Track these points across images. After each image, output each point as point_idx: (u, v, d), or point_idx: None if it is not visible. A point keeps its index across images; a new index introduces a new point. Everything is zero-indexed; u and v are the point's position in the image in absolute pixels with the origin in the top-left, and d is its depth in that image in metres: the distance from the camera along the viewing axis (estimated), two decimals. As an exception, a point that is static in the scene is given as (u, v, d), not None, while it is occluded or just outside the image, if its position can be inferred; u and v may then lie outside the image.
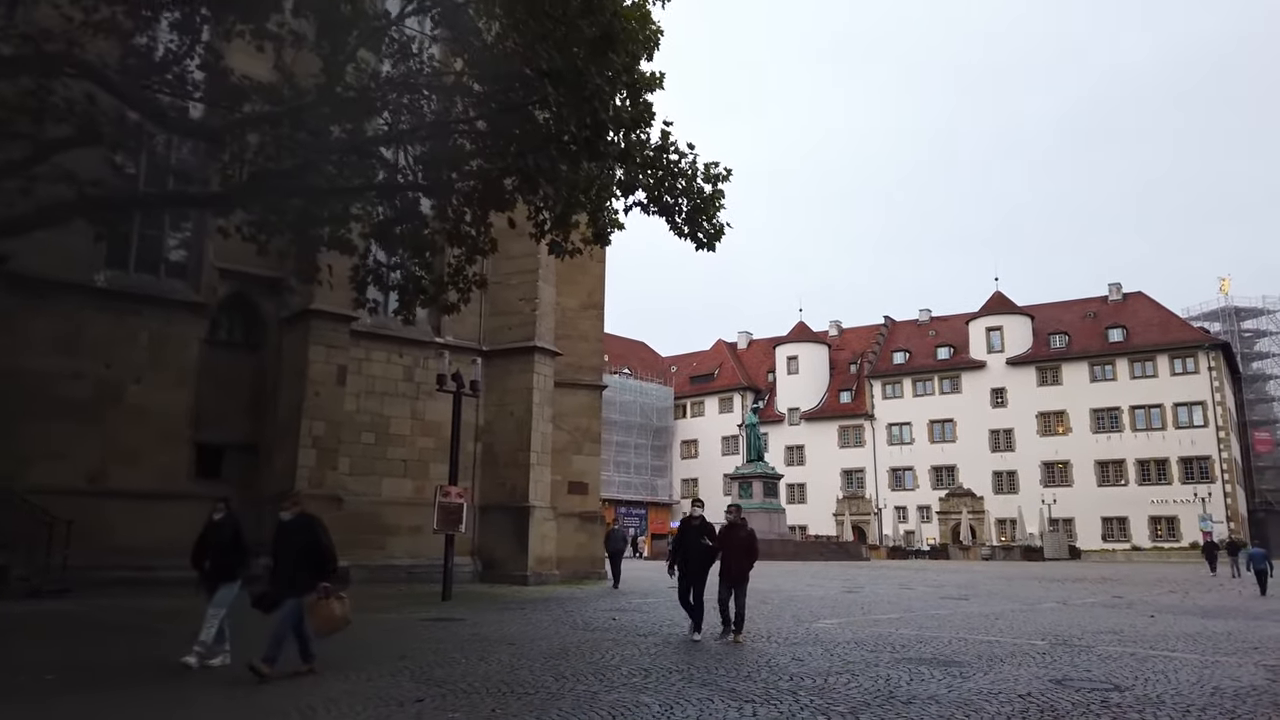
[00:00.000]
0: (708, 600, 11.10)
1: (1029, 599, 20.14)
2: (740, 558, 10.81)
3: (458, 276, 14.31)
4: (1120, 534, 63.80)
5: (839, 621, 13.77)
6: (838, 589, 22.93)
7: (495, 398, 21.96)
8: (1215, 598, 21.53)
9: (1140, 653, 10.40)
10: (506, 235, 22.57)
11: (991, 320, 72.46)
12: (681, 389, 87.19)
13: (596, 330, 26.68)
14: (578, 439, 25.90)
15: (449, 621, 12.48)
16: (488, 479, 21.67)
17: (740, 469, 57.06)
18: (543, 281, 22.25)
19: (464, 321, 22.19)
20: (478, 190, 12.56)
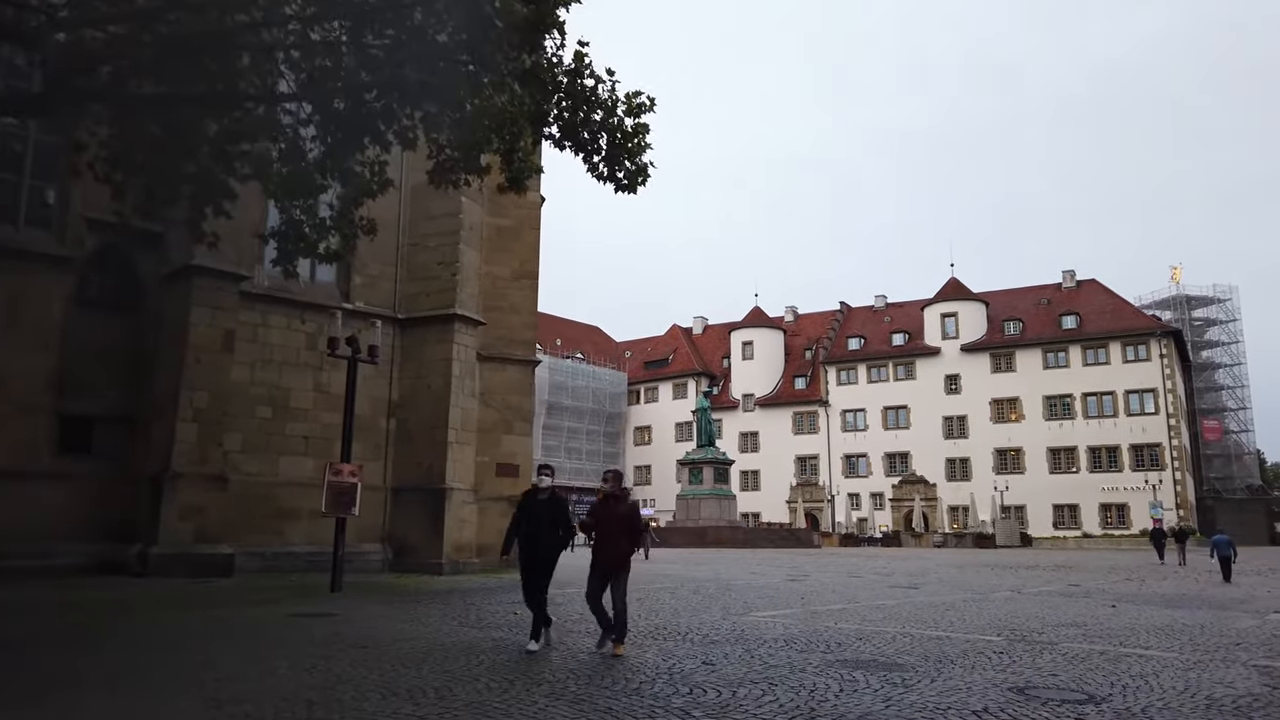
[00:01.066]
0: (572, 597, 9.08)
1: (981, 588, 18.87)
2: (618, 540, 8.34)
3: (342, 221, 12.43)
4: (1071, 521, 63.68)
5: (773, 614, 12.24)
6: (781, 577, 21.51)
7: (411, 370, 20.08)
8: (1173, 585, 20.49)
9: (1110, 651, 8.97)
10: (425, 192, 20.76)
11: (947, 306, 71.89)
12: (635, 374, 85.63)
13: (530, 302, 24.84)
14: (508, 418, 24.08)
15: (316, 618, 10.69)
16: (402, 459, 19.80)
17: (691, 454, 55.72)
18: (465, 244, 20.37)
19: (377, 286, 20.28)
20: (347, 110, 10.67)
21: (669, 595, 15.09)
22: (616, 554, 8.32)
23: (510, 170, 12.86)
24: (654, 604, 13.44)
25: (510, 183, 13.13)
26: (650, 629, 10.13)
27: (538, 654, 8.10)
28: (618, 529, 8.36)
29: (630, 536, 8.47)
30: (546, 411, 76.03)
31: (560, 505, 8.67)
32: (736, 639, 9.36)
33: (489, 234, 24.37)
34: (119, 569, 15.90)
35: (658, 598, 14.46)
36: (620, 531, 8.36)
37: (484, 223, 24.02)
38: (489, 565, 21.76)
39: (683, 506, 52.77)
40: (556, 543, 8.63)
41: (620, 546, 8.33)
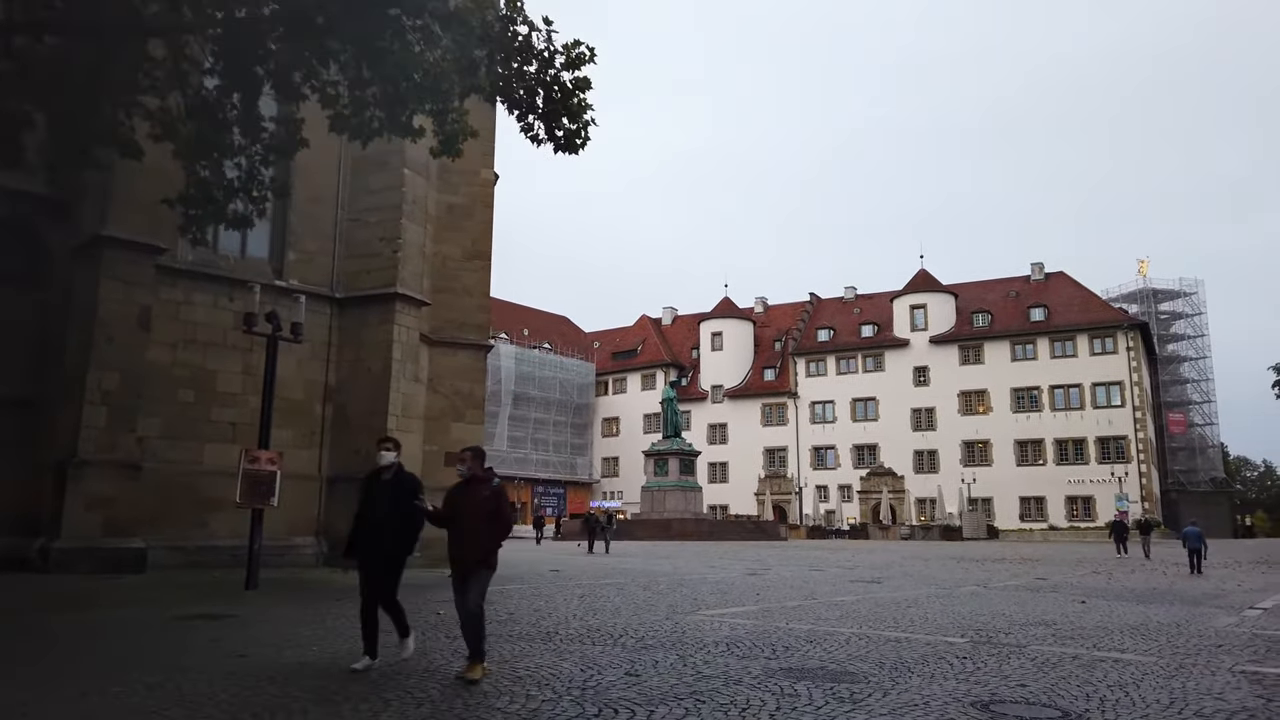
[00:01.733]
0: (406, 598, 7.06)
1: (947, 582, 18.11)
2: (477, 533, 6.56)
3: (250, 182, 11.28)
4: (1038, 513, 63.66)
5: (722, 613, 11.31)
6: (741, 571, 20.64)
7: (350, 353, 18.90)
8: (1142, 579, 19.89)
9: (1084, 654, 8.13)
10: (366, 165, 19.60)
11: (916, 298, 71.57)
12: (604, 365, 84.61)
13: (482, 284, 23.71)
14: (458, 405, 22.97)
15: (207, 621, 9.60)
16: (339, 446, 18.63)
17: (656, 445, 54.82)
18: (407, 219, 19.20)
19: (314, 263, 19.08)
20: (246, 50, 9.53)
21: (615, 592, 14.13)
22: (475, 548, 6.56)
23: (443, 133, 11.80)
24: (596, 602, 12.47)
25: (443, 147, 12.06)
26: (581, 631, 9.15)
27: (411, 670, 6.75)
28: (477, 518, 6.57)
29: (493, 527, 6.62)
30: (513, 402, 74.84)
31: (406, 488, 6.93)
32: (674, 642, 8.41)
33: (439, 212, 23.24)
34: (23, 565, 14.65)
35: (602, 594, 13.50)
36: (480, 521, 6.57)
37: (433, 200, 22.88)
38: (435, 559, 20.68)
39: (647, 499, 51.89)
40: (402, 535, 6.89)
41: (479, 540, 6.57)
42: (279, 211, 18.81)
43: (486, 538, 6.61)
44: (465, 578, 6.61)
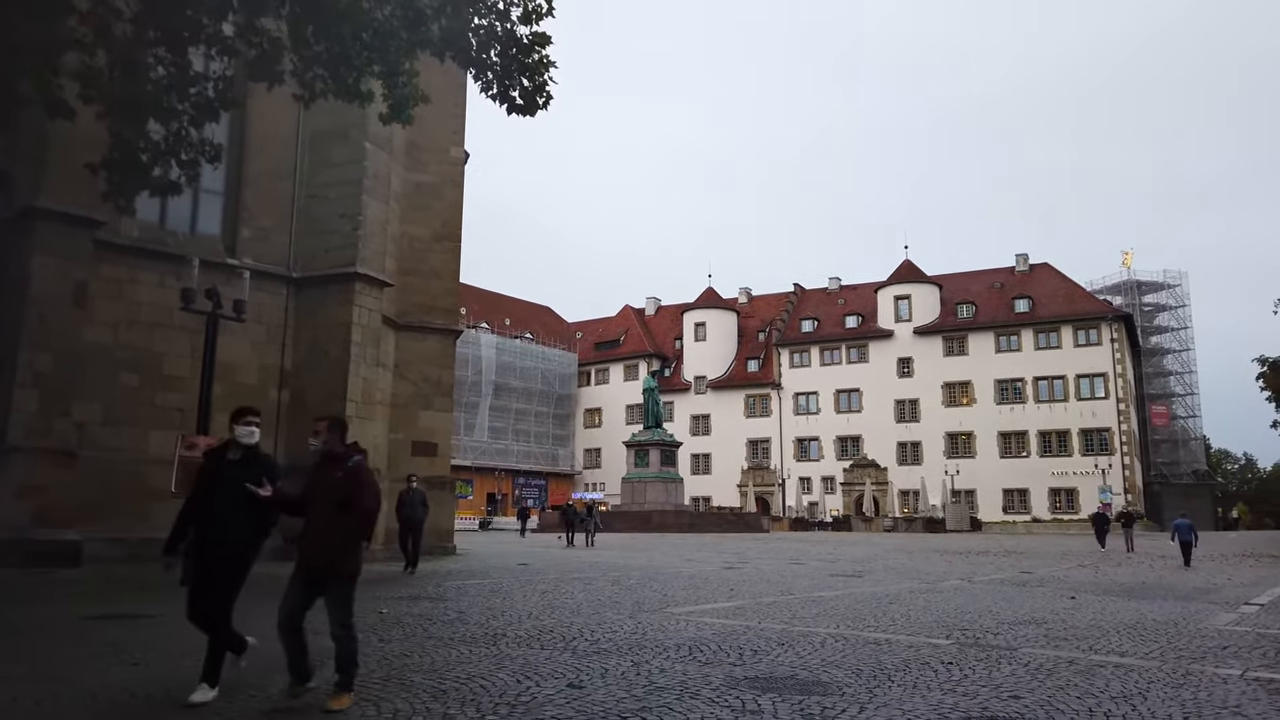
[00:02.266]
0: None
1: (930, 576, 17.44)
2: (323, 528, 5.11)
3: (180, 144, 10.37)
4: (1021, 506, 63.39)
5: (691, 611, 10.54)
6: (718, 565, 19.91)
7: (307, 335, 17.97)
8: (1130, 573, 19.30)
9: (1080, 659, 7.40)
10: (326, 139, 18.64)
11: (900, 289, 71.05)
12: (586, 356, 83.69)
13: (451, 266, 22.84)
14: (426, 392, 22.12)
15: (120, 621, 8.76)
16: (295, 434, 17.63)
17: (637, 436, 54.05)
18: (368, 195, 18.26)
19: (269, 240, 18.12)
20: None
21: (581, 588, 13.34)
22: (319, 548, 5.09)
23: (393, 97, 10.92)
24: (558, 599, 11.67)
25: (393, 112, 11.19)
26: (532, 633, 8.34)
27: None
28: (324, 508, 5.08)
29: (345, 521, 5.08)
30: (494, 392, 73.88)
31: (259, 472, 5.53)
32: (631, 646, 7.62)
33: (406, 190, 22.35)
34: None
35: (566, 591, 12.70)
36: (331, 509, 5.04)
37: (400, 178, 21.98)
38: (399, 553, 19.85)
39: (628, 490, 51.12)
40: (244, 531, 5.48)
41: (325, 537, 5.05)
42: (232, 186, 17.87)
43: (335, 535, 5.07)
44: (311, 586, 5.14)
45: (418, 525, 15.39)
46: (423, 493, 15.66)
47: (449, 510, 22.28)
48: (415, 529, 15.36)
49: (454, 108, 23.28)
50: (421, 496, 15.52)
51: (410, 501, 15.48)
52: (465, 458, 70.69)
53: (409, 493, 15.70)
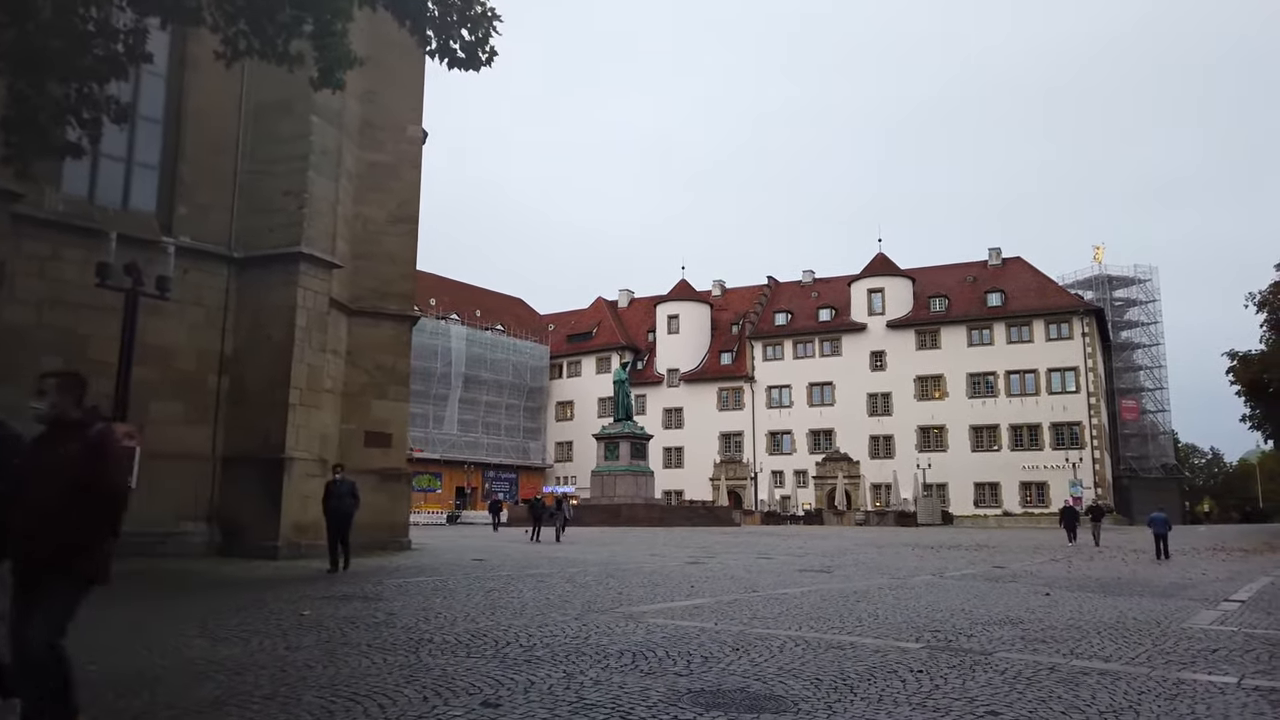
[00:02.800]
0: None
1: (901, 571, 16.85)
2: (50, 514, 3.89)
3: (82, 102, 9.42)
4: (992, 499, 63.38)
5: (644, 611, 9.79)
6: (683, 560, 19.22)
7: (248, 318, 17.00)
8: (1102, 567, 18.84)
9: (1061, 665, 6.74)
10: (271, 111, 17.65)
11: (873, 282, 70.77)
12: (558, 348, 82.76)
13: (408, 249, 21.93)
14: (380, 380, 21.22)
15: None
16: (235, 423, 16.76)
17: (607, 429, 53.31)
18: (315, 171, 17.30)
19: (209, 218, 17.12)
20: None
21: (533, 585, 12.55)
22: (45, 540, 3.87)
23: (323, 60, 10.04)
24: (504, 598, 10.88)
25: (323, 76, 10.29)
26: (463, 638, 7.55)
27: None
28: (52, 488, 3.90)
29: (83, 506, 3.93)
30: (464, 385, 72.80)
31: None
32: (570, 653, 6.86)
33: (361, 170, 21.41)
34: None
35: (515, 590, 11.90)
36: (57, 493, 3.89)
37: (354, 156, 21.04)
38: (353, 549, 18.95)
39: (597, 483, 50.37)
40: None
41: (54, 526, 3.87)
42: (168, 159, 16.85)
43: (67, 524, 3.88)
44: (32, 592, 3.90)
45: (346, 519, 14.00)
46: (351, 483, 14.31)
47: (404, 504, 21.42)
48: (343, 523, 13.96)
49: (411, 85, 22.38)
50: (350, 487, 14.19)
51: (337, 493, 14.07)
52: (434, 451, 69.61)
53: (336, 483, 14.30)
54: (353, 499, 13.93)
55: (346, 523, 13.93)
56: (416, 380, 69.30)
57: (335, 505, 13.90)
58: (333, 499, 13.95)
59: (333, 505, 13.92)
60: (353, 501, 13.91)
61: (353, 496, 13.95)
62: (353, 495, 13.97)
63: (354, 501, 13.96)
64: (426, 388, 69.98)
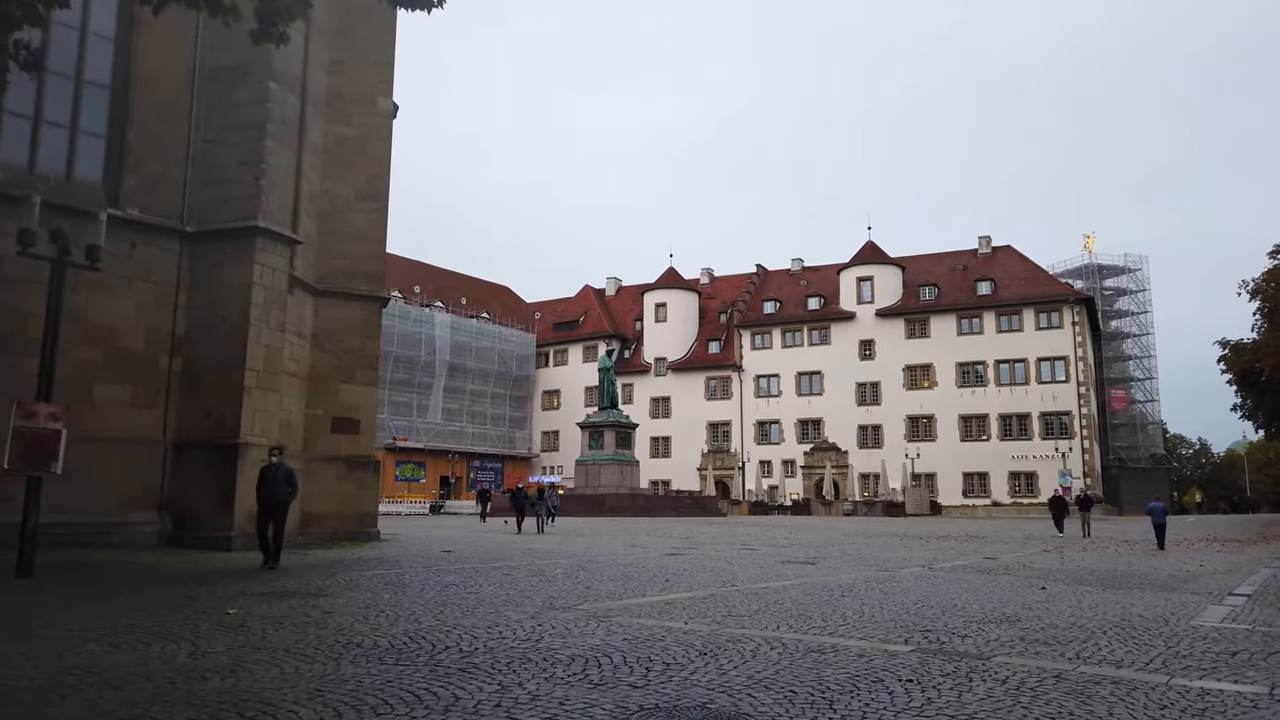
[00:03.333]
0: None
1: (889, 562, 16.12)
2: None
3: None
4: (981, 489, 62.90)
5: (609, 608, 9.00)
6: (663, 551, 18.46)
7: (202, 296, 16.05)
8: (1098, 559, 18.18)
9: (1068, 671, 5.97)
10: (228, 77, 16.66)
11: (863, 270, 70.06)
12: (545, 336, 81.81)
13: (377, 227, 21.00)
14: (348, 364, 20.32)
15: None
16: (188, 407, 15.84)
17: (592, 417, 52.48)
18: (273, 140, 16.34)
19: (159, 189, 16.17)
20: None
21: (495, 579, 11.74)
22: None
23: (263, 7, 9.13)
24: (460, 593, 10.06)
25: (262, 28, 9.38)
26: (397, 642, 6.72)
27: None
28: None
29: None
30: (448, 373, 71.84)
31: None
32: (515, 659, 6.04)
33: (329, 144, 20.47)
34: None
35: (474, 584, 11.08)
36: None
37: (320, 130, 20.11)
38: (313, 539, 18.12)
39: (581, 473, 49.53)
40: None
41: None
42: (116, 127, 15.87)
43: None
44: None
45: (281, 509, 12.54)
46: (289, 470, 12.91)
47: (372, 493, 20.54)
48: (278, 514, 12.49)
49: (381, 55, 21.42)
50: (287, 474, 12.78)
51: (273, 479, 12.51)
52: (418, 440, 68.67)
53: (271, 468, 12.73)
54: (289, 487, 12.60)
55: (281, 513, 12.54)
56: (400, 369, 68.79)
57: (268, 493, 12.44)
58: (266, 486, 12.49)
59: (265, 493, 12.46)
60: (289, 490, 12.59)
61: (289, 484, 12.62)
62: (289, 483, 12.63)
63: (290, 490, 12.65)
64: (410, 376, 69.02)
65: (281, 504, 12.45)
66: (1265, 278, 39.53)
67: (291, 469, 12.77)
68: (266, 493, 12.41)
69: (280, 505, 12.43)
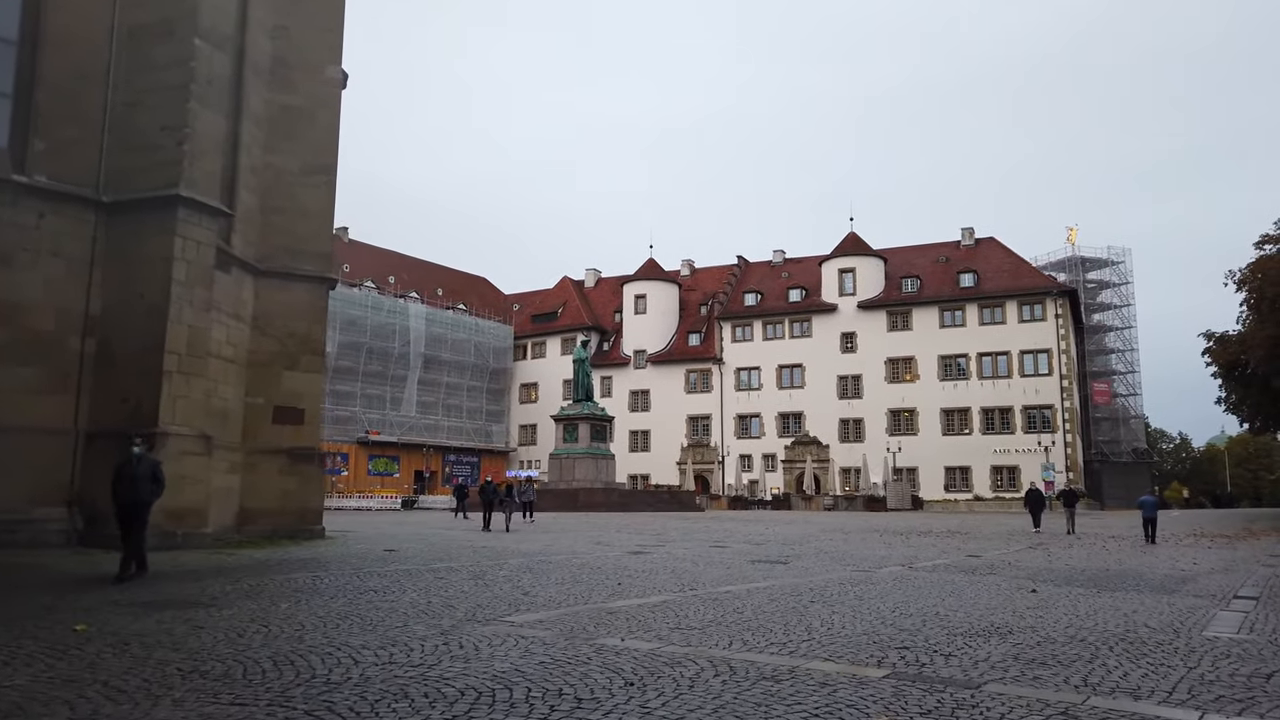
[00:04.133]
0: None
1: (866, 561, 15.01)
2: None
3: None
4: (963, 484, 62.15)
5: (540, 619, 7.79)
6: (628, 549, 17.30)
7: (119, 272, 14.65)
8: (1086, 556, 17.16)
9: (1077, 706, 4.83)
10: (147, 34, 15.21)
11: (845, 262, 69.09)
12: (523, 328, 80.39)
13: (324, 203, 19.66)
14: (291, 349, 18.98)
15: None
16: (102, 393, 14.46)
17: (566, 409, 51.14)
18: (200, 103, 14.93)
19: (72, 155, 14.76)
20: None
21: (426, 583, 10.49)
22: None
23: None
24: (373, 602, 8.81)
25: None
26: (259, 666, 5.48)
27: None
28: None
29: None
30: (423, 365, 70.38)
31: None
32: (389, 692, 4.82)
33: (272, 114, 19.13)
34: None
35: (397, 591, 9.82)
36: None
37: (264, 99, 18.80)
38: (250, 538, 16.81)
39: (555, 467, 48.22)
40: None
41: None
42: (23, 86, 14.46)
43: None
44: None
45: (142, 508, 10.50)
46: (153, 462, 10.84)
47: (316, 487, 19.23)
48: (138, 514, 10.44)
49: (329, 21, 20.08)
50: (150, 468, 10.59)
51: (131, 475, 10.45)
52: (391, 433, 67.18)
53: (130, 463, 10.58)
54: (154, 483, 10.53)
55: (143, 514, 10.51)
56: (373, 360, 67.26)
57: (126, 490, 10.39)
58: (123, 482, 10.40)
59: (122, 491, 10.39)
60: (154, 487, 10.52)
61: (154, 480, 10.54)
62: (154, 478, 10.55)
63: (156, 487, 10.57)
64: (384, 368, 67.50)
65: (142, 504, 10.46)
66: (1252, 268, 38.76)
67: (157, 461, 10.82)
68: (125, 490, 10.39)
69: (141, 505, 10.46)
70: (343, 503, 54.21)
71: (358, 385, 66.12)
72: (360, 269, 70.97)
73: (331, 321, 60.37)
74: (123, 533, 10.34)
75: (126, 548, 10.27)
